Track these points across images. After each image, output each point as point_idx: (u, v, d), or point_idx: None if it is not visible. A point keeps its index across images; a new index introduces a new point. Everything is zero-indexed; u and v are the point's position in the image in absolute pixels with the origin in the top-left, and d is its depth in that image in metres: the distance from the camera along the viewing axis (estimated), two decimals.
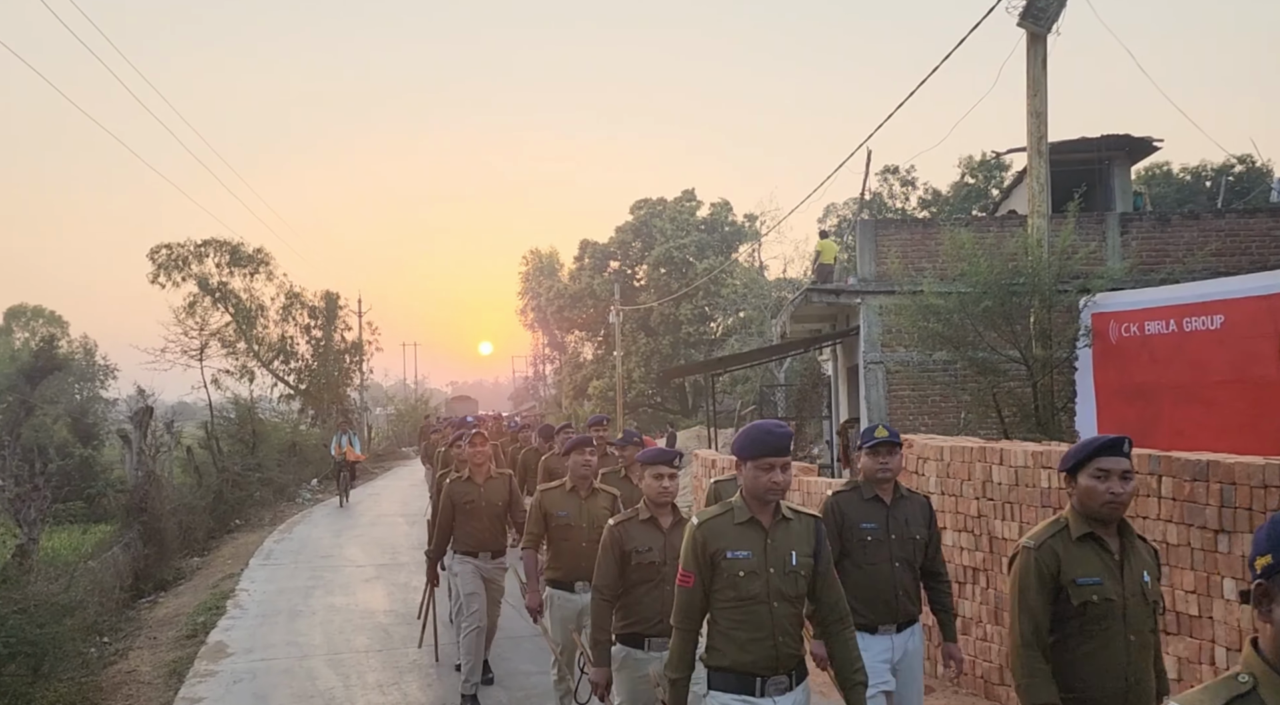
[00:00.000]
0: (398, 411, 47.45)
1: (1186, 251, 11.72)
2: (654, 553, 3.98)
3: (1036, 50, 9.47)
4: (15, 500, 9.62)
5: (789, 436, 3.04)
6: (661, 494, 4.02)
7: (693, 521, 3.11)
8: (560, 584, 5.01)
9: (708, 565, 3.00)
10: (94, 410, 31.45)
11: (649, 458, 4.09)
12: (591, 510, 4.99)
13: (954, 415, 11.66)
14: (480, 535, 6.12)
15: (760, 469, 2.97)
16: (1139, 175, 24.32)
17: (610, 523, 4.08)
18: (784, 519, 3.06)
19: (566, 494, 5.07)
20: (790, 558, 3.01)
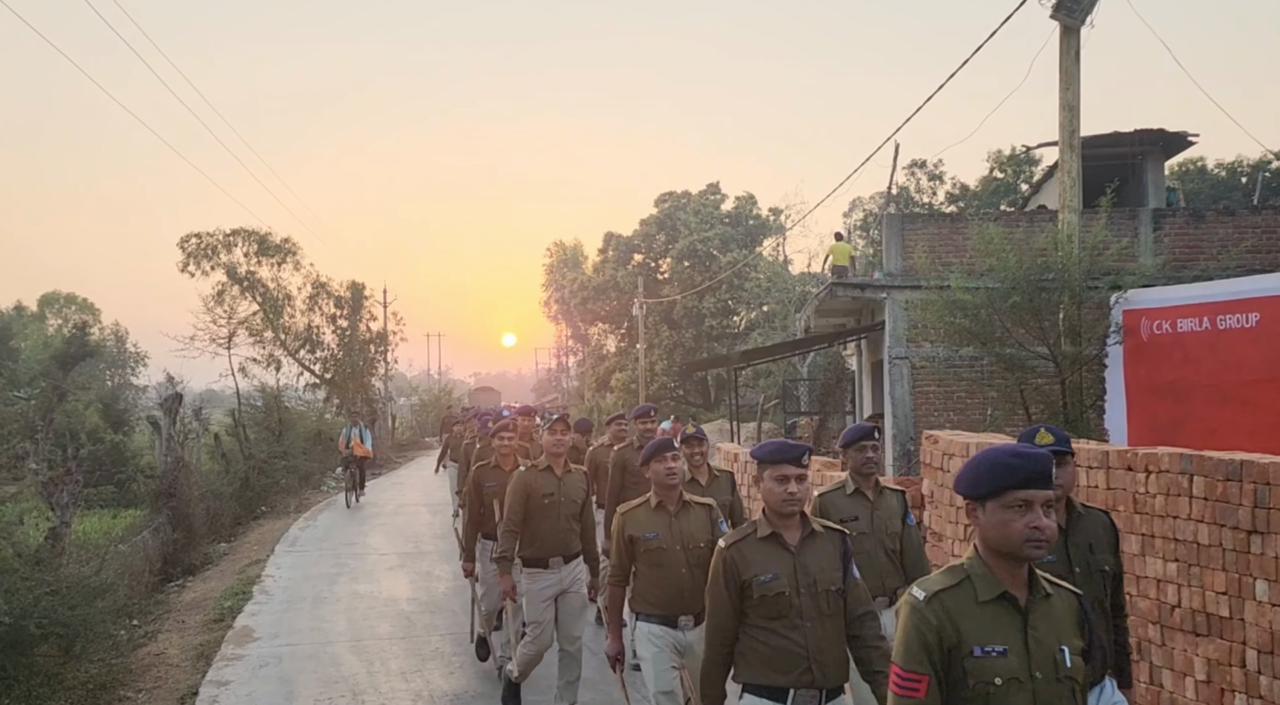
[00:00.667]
0: (421, 402, 47.74)
1: (1221, 248, 11.53)
2: (780, 581, 3.09)
3: (1069, 43, 9.33)
4: (48, 484, 9.78)
5: None
6: (786, 502, 3.09)
7: (917, 594, 2.19)
8: (656, 618, 4.12)
9: (943, 661, 2.16)
10: (124, 397, 31.92)
11: (767, 455, 3.15)
12: (686, 529, 4.13)
13: (980, 412, 11.56)
14: (555, 537, 5.23)
15: None
16: (1173, 170, 23.94)
17: (721, 544, 3.24)
18: None
19: (652, 512, 4.16)
20: None
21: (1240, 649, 4.32)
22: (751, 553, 3.12)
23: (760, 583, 3.06)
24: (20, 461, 12.74)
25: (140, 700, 6.42)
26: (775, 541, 3.12)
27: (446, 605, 8.84)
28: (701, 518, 4.18)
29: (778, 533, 3.13)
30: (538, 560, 5.24)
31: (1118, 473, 5.01)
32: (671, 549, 4.09)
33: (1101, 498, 5.10)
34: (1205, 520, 4.52)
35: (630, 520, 4.22)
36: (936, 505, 6.62)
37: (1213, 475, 4.48)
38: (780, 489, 3.07)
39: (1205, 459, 4.55)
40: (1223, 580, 4.42)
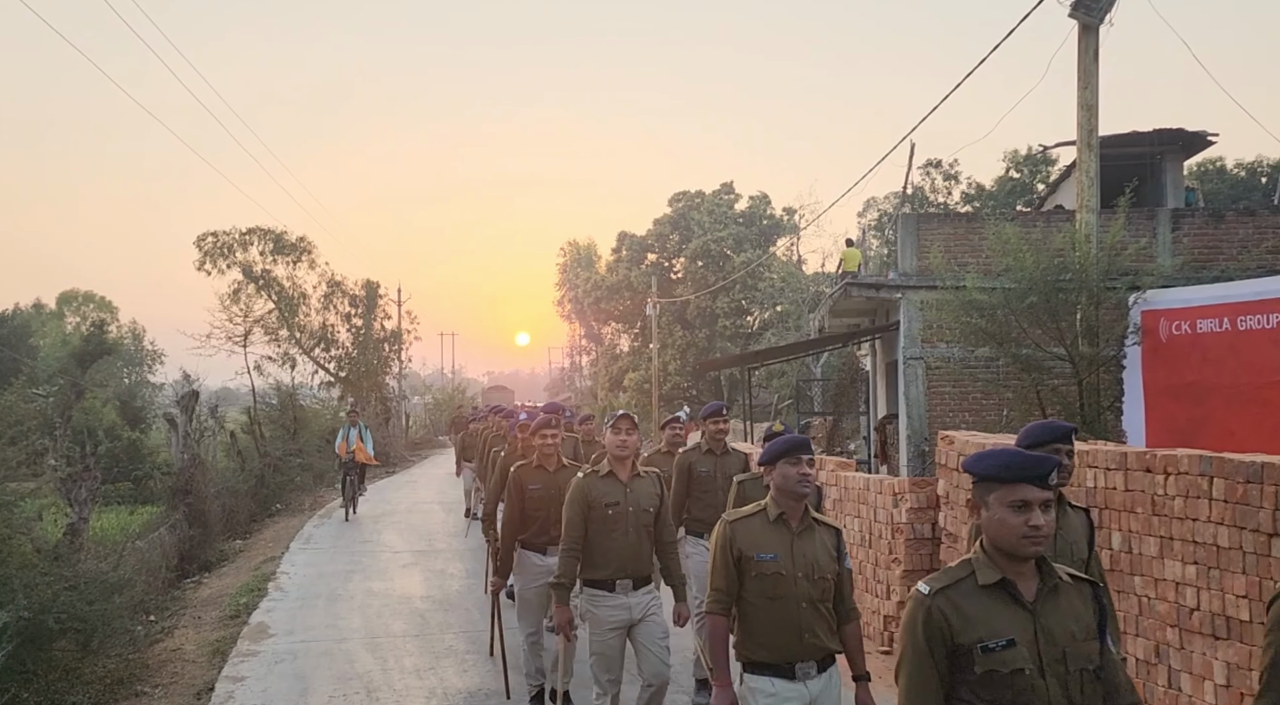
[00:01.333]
0: (435, 400, 47.93)
1: (1241, 249, 11.42)
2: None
3: (1088, 42, 9.26)
4: (66, 480, 9.87)
5: None
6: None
7: None
8: (769, 669, 3.32)
9: None
10: (142, 394, 32.20)
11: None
12: (807, 550, 3.35)
13: (995, 413, 11.49)
14: (624, 554, 4.51)
15: None
16: (1191, 170, 23.74)
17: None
18: None
19: (770, 525, 3.37)
20: None
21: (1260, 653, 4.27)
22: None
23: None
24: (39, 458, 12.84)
25: (157, 695, 6.46)
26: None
27: (460, 603, 8.87)
28: (826, 541, 3.39)
29: None
30: (602, 582, 4.49)
31: (1136, 474, 4.96)
32: (792, 576, 3.29)
33: (1120, 499, 5.06)
34: (1225, 523, 4.48)
35: (742, 532, 3.37)
36: (952, 507, 6.59)
37: (1233, 477, 4.43)
38: None
39: (1225, 461, 4.50)
40: (1243, 583, 4.38)
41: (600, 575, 4.49)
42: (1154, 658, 4.87)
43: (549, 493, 5.35)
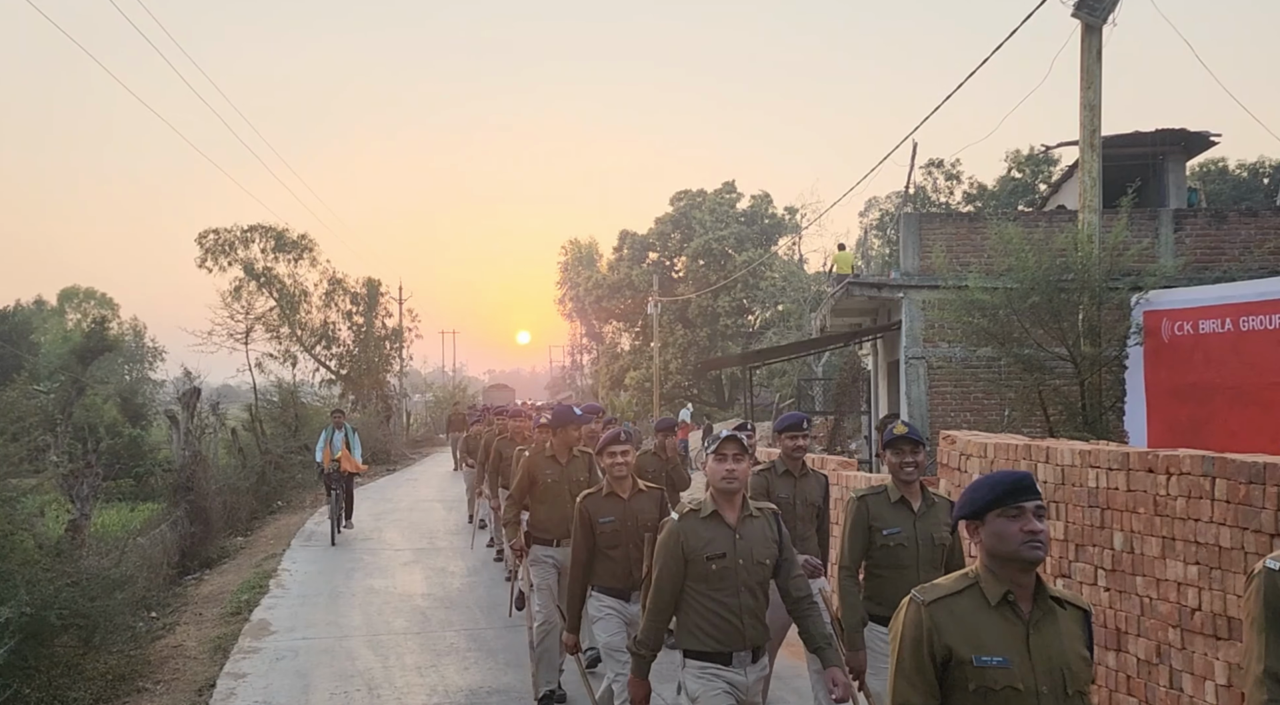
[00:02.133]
0: (436, 398, 47.95)
1: (1243, 249, 11.42)
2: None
3: (1091, 42, 9.26)
4: (68, 477, 9.87)
5: None
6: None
7: None
8: None
9: None
10: (143, 391, 32.23)
11: None
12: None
13: (997, 412, 11.49)
14: (732, 617, 3.48)
15: None
16: (1194, 171, 23.72)
17: None
18: None
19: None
20: None
21: None
22: None
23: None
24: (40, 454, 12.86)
25: (158, 691, 6.47)
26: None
27: (461, 601, 8.87)
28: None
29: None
30: (708, 655, 3.46)
31: (1138, 475, 4.96)
32: None
33: (1122, 499, 5.06)
34: (1227, 523, 4.47)
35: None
36: None
37: (1235, 478, 4.43)
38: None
39: (1227, 461, 4.50)
40: (1244, 584, 4.38)
41: (705, 647, 3.44)
42: (1155, 658, 4.87)
43: (625, 525, 4.56)
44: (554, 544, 5.71)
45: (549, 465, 5.80)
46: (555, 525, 5.66)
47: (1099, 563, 5.18)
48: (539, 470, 5.81)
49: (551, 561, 5.75)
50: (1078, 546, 5.35)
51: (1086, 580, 5.28)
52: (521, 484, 5.89)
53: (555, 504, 5.70)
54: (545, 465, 5.81)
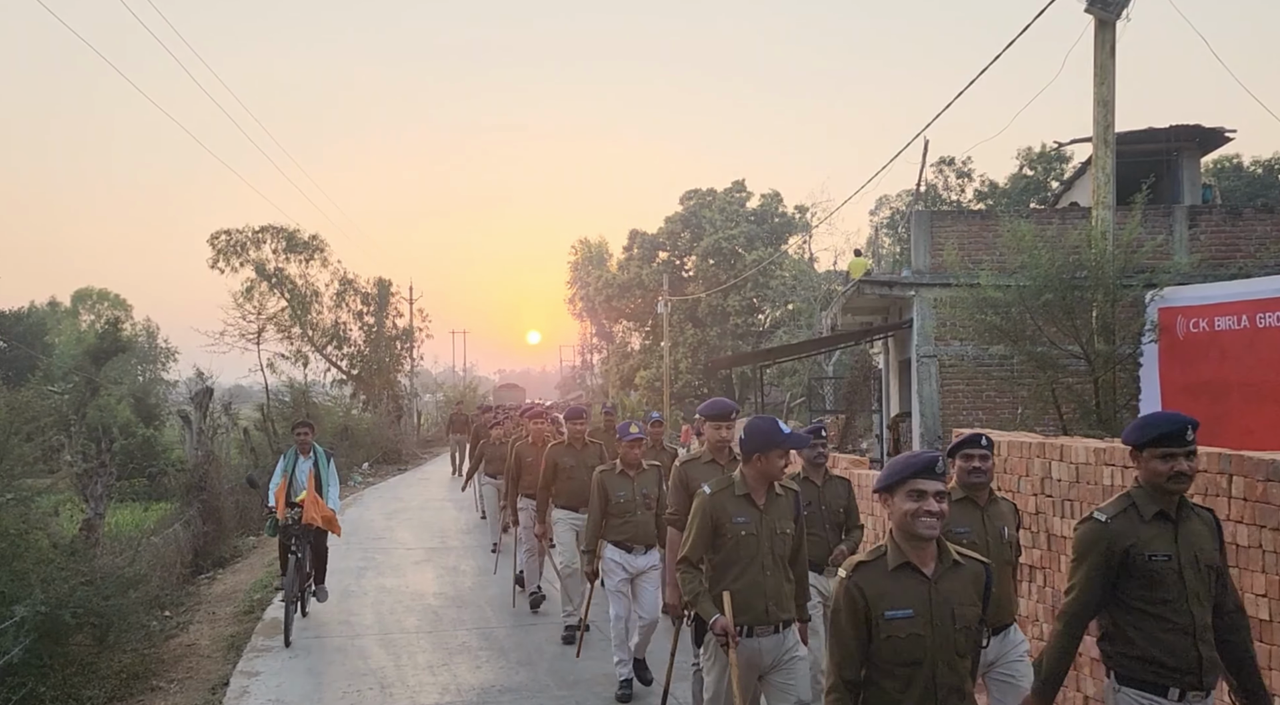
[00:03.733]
0: (446, 398, 48.05)
1: (1259, 246, 11.32)
2: None
3: (1104, 37, 9.20)
4: (82, 476, 9.93)
5: None
6: None
7: None
8: None
9: None
10: (155, 391, 32.39)
11: None
12: None
13: (1010, 411, 11.43)
14: None
15: None
16: (1208, 167, 23.54)
17: None
18: None
19: None
20: None
21: None
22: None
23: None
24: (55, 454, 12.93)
25: (172, 690, 6.50)
26: None
27: (473, 599, 8.89)
28: None
29: None
30: None
31: None
32: None
33: None
34: (1244, 521, 4.43)
35: None
36: None
37: (1252, 475, 4.39)
38: None
39: (1244, 459, 4.46)
40: (1263, 582, 4.33)
41: None
42: None
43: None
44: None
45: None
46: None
47: None
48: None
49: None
50: None
51: None
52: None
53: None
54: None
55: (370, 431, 26.70)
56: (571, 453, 7.16)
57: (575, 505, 6.98)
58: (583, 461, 7.04)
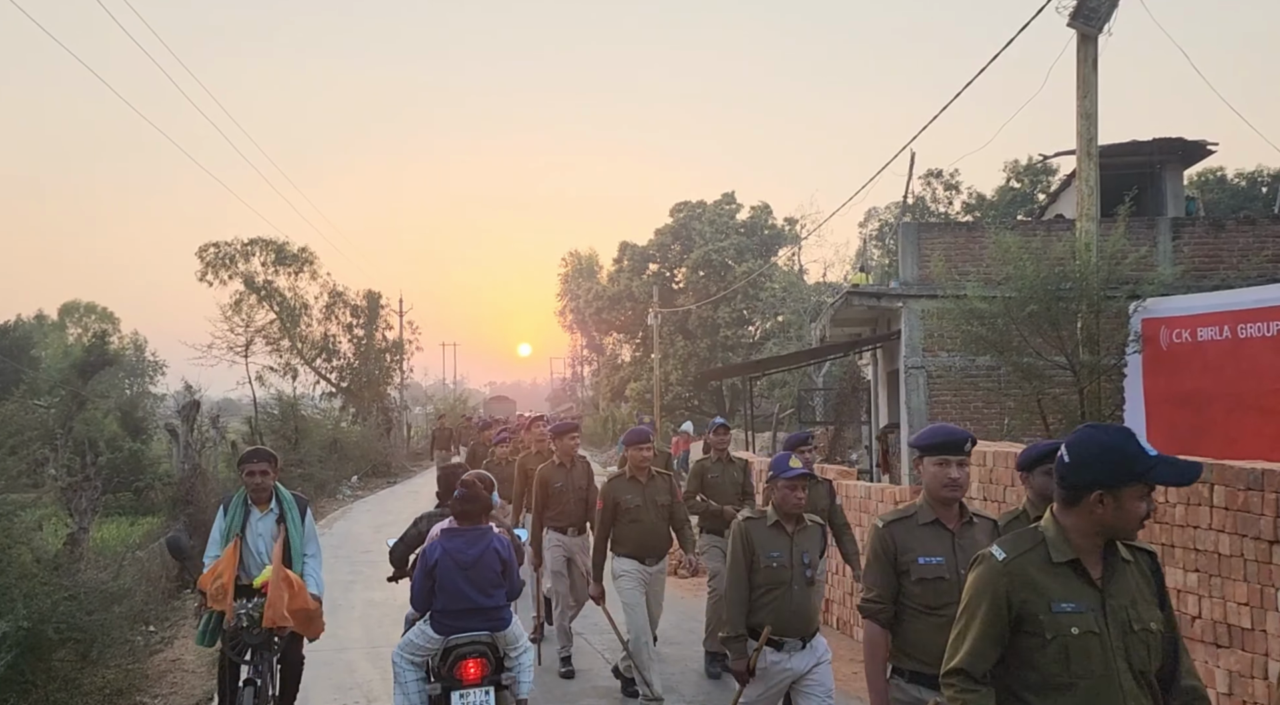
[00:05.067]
0: (437, 411, 47.92)
1: (1241, 257, 11.43)
2: None
3: (1087, 51, 9.29)
4: (67, 490, 9.86)
5: None
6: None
7: None
8: None
9: None
10: (143, 405, 32.12)
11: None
12: None
13: (997, 421, 11.47)
14: None
15: None
16: (1192, 180, 23.77)
17: None
18: None
19: None
20: None
21: (1263, 660, 4.26)
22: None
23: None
24: (40, 468, 12.83)
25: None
26: None
27: None
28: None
29: None
30: None
31: None
32: None
33: None
34: (1226, 530, 4.47)
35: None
36: None
37: (1234, 485, 4.43)
38: None
39: (1226, 468, 4.50)
40: (1244, 591, 4.37)
41: None
42: None
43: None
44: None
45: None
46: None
47: None
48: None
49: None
50: None
51: None
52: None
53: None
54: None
55: (359, 444, 26.59)
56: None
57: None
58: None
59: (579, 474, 6.89)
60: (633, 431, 6.06)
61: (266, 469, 5.09)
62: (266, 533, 5.05)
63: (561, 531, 6.82)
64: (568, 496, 6.78)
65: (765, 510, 4.22)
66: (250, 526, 5.08)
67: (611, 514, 5.93)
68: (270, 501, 5.09)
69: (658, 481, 6.03)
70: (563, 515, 6.82)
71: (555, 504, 6.83)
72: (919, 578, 3.18)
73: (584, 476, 6.90)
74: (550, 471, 6.88)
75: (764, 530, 4.15)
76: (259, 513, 5.10)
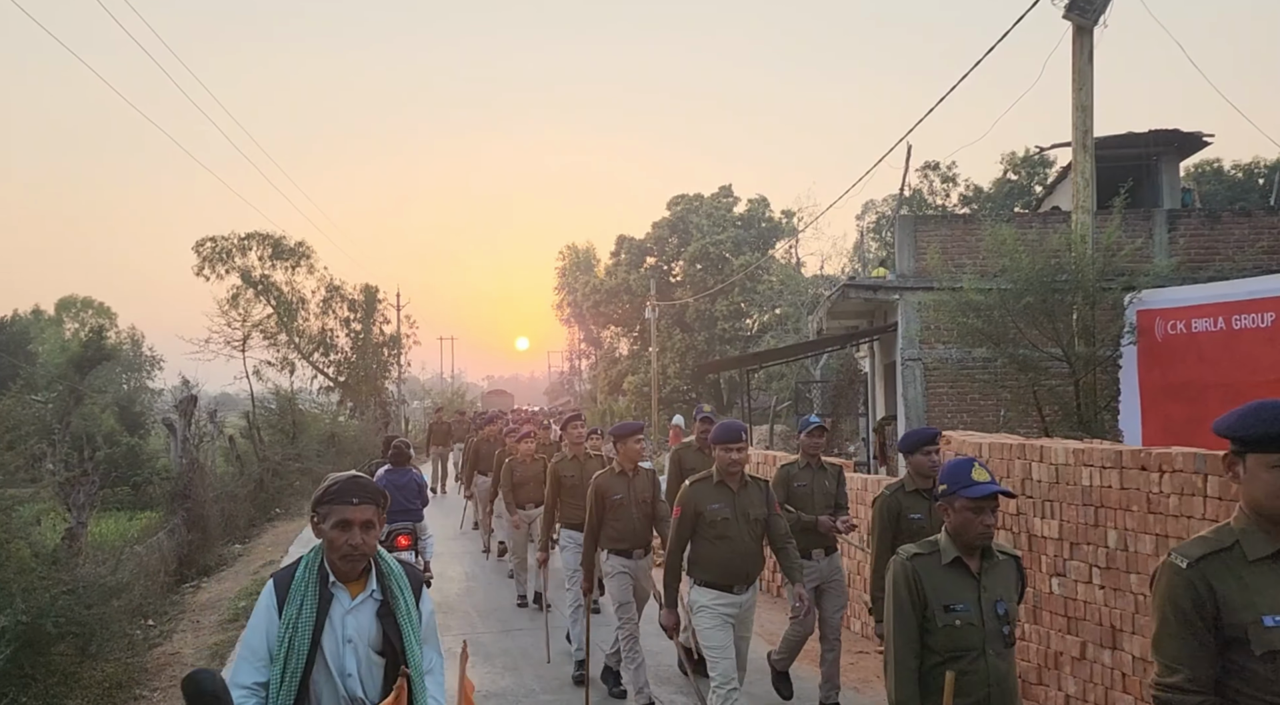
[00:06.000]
0: (434, 404, 47.91)
1: (1237, 249, 11.45)
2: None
3: (1083, 43, 9.30)
4: (65, 485, 9.86)
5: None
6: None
7: None
8: None
9: None
10: (140, 400, 32.20)
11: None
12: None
13: (993, 413, 11.51)
14: None
15: None
16: (1188, 171, 23.78)
17: None
18: None
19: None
20: None
21: None
22: None
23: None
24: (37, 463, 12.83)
25: (155, 699, 6.47)
26: None
27: (459, 606, 8.88)
28: None
29: None
30: None
31: (1131, 473, 4.98)
32: None
33: (1116, 497, 5.07)
34: (1219, 520, 4.49)
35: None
36: None
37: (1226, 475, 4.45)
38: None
39: (1219, 458, 4.51)
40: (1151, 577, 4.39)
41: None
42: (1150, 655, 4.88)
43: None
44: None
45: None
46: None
47: (1093, 561, 5.20)
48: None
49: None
50: (1072, 544, 5.36)
51: (1081, 578, 5.29)
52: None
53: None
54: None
55: (357, 439, 26.61)
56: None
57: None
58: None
59: (642, 484, 5.89)
60: (723, 427, 4.85)
61: (371, 517, 2.72)
62: (362, 635, 2.72)
63: (625, 555, 5.86)
64: (630, 511, 5.81)
65: (937, 541, 3.04)
66: (333, 627, 2.69)
67: (690, 527, 4.81)
68: (369, 576, 2.77)
69: (751, 489, 4.86)
70: (626, 535, 5.82)
71: (615, 520, 5.80)
72: None
73: (649, 487, 5.92)
74: (609, 481, 5.86)
75: (939, 572, 2.97)
76: (347, 598, 2.73)
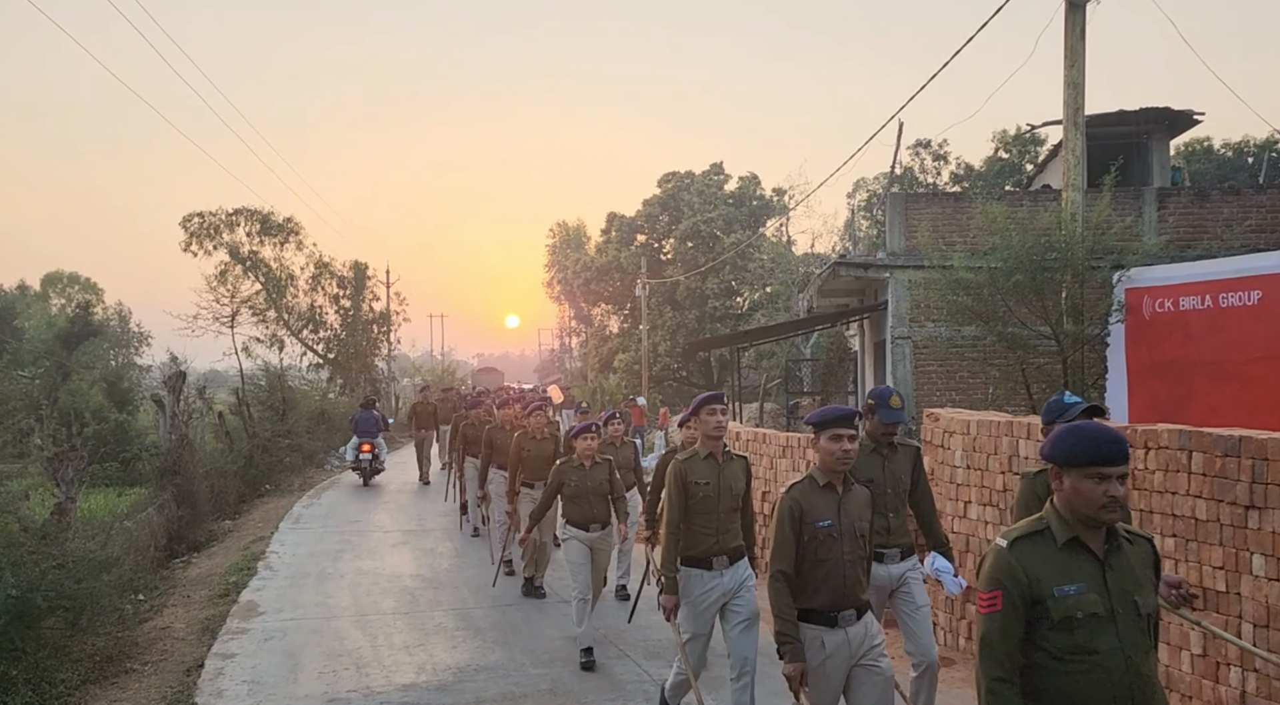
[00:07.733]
0: (425, 381, 47.83)
1: (1225, 227, 11.48)
2: None
3: (1075, 20, 9.26)
4: (53, 460, 9.82)
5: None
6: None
7: None
8: None
9: None
10: (128, 376, 31.96)
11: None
12: None
13: (982, 391, 11.56)
14: None
15: None
16: (1178, 150, 23.78)
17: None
18: None
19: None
20: None
21: (1236, 623, 4.35)
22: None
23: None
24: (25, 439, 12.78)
25: (146, 672, 6.49)
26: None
27: (449, 581, 8.92)
28: None
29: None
30: None
31: None
32: None
33: None
34: (1203, 496, 4.54)
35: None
36: (936, 483, 6.65)
37: (1211, 451, 4.49)
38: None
39: (1204, 435, 4.56)
40: (1220, 555, 4.45)
41: None
42: None
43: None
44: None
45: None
46: None
47: None
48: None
49: None
50: None
51: None
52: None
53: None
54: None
55: (347, 416, 26.54)
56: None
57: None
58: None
59: (733, 471, 4.91)
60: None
61: None
62: None
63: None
64: (715, 504, 4.96)
65: None
66: None
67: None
68: None
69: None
70: (711, 529, 4.94)
71: (701, 513, 4.88)
72: None
73: (740, 476, 4.94)
74: (693, 466, 4.99)
75: None
76: None
